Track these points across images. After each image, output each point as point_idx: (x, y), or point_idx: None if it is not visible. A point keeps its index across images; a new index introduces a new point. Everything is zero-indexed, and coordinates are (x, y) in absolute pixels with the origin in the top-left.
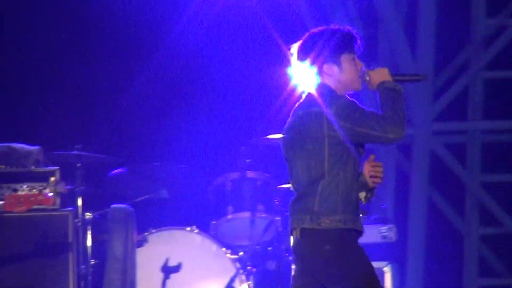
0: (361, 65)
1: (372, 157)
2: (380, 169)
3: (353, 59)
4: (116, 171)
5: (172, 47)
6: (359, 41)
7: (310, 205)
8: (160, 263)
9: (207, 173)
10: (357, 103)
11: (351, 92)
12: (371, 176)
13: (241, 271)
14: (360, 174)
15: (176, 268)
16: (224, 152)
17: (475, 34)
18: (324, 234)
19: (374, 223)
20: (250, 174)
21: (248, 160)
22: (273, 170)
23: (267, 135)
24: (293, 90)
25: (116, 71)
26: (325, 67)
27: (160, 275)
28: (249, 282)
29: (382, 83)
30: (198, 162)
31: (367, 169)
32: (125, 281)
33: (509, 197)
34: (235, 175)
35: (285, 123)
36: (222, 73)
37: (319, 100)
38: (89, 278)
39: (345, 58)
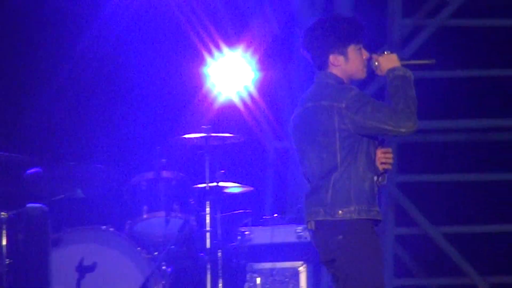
0: (366, 54)
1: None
2: (390, 155)
3: (359, 49)
4: (31, 170)
5: (88, 47)
6: (365, 30)
7: (323, 197)
8: (75, 262)
9: (123, 173)
10: (368, 95)
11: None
12: (381, 163)
13: (156, 270)
14: None
15: (91, 268)
16: (139, 151)
17: (391, 33)
18: (338, 224)
19: (289, 223)
20: (165, 174)
21: (163, 160)
22: (189, 170)
23: (182, 135)
24: (209, 90)
25: (33, 70)
26: (331, 57)
27: (75, 275)
28: (163, 282)
29: (392, 70)
30: (114, 162)
31: (378, 155)
32: (40, 280)
33: (424, 198)
34: (150, 174)
35: (293, 113)
36: (138, 73)
37: (329, 92)
38: (4, 277)
39: (351, 49)
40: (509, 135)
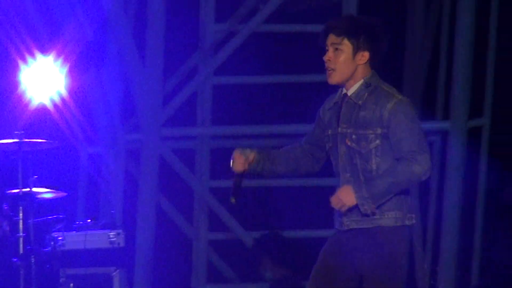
0: (326, 58)
1: None
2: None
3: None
4: None
5: None
6: (329, 33)
7: None
8: None
9: None
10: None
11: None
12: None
13: None
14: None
15: None
16: None
17: (204, 39)
18: None
19: (102, 229)
20: None
21: None
22: (1, 175)
23: None
24: (22, 95)
25: None
26: None
27: None
28: None
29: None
30: None
31: None
32: None
33: (237, 202)
34: None
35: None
36: None
37: None
38: None
39: None
40: None
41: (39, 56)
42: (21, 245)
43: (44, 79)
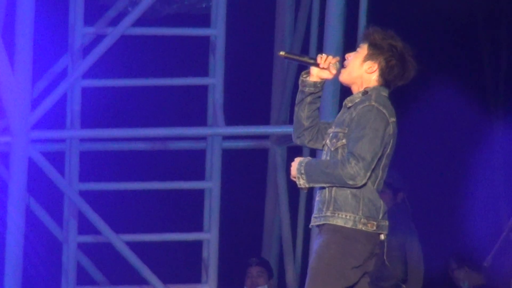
0: (346, 55)
1: None
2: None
3: None
4: None
5: None
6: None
7: None
8: None
9: None
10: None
11: None
12: None
13: None
14: None
15: None
16: None
17: (73, 42)
18: None
19: None
20: None
21: None
22: None
23: None
24: None
25: None
26: None
27: None
28: None
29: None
30: None
31: None
32: None
33: (106, 206)
34: None
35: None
36: None
37: None
38: None
39: None
40: (187, 143)
41: None
42: None
43: None
